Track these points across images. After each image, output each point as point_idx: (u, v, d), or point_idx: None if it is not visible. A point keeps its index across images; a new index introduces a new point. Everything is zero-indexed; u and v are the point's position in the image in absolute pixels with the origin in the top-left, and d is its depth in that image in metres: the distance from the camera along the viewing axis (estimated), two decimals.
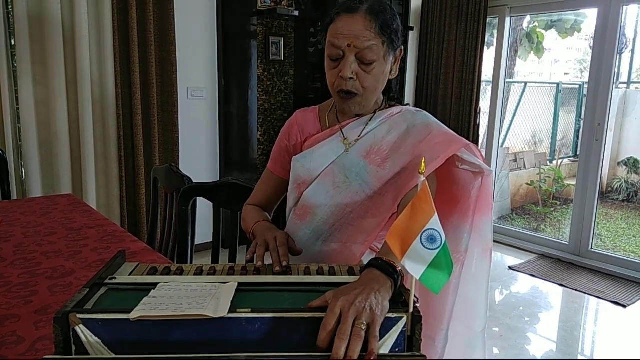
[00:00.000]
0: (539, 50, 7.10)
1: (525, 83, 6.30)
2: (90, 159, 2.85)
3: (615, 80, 3.57)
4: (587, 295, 3.10)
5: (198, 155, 3.46)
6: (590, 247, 3.63)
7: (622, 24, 3.41)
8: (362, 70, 1.07)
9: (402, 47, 1.15)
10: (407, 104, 1.23)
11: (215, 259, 1.57)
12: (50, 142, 2.76)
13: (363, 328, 0.66)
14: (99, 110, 2.90)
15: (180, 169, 1.86)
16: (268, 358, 0.64)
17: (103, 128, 2.93)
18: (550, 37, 7.23)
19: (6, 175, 2.20)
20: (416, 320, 0.69)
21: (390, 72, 1.14)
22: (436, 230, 0.66)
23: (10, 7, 2.59)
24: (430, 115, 1.18)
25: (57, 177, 2.78)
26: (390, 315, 0.69)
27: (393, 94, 1.23)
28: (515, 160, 5.85)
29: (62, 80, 2.71)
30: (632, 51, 6.24)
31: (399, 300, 0.75)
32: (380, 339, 0.67)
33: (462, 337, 1.18)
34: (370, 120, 1.16)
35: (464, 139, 1.10)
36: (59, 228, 1.53)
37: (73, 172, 2.86)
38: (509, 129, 5.91)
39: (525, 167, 5.89)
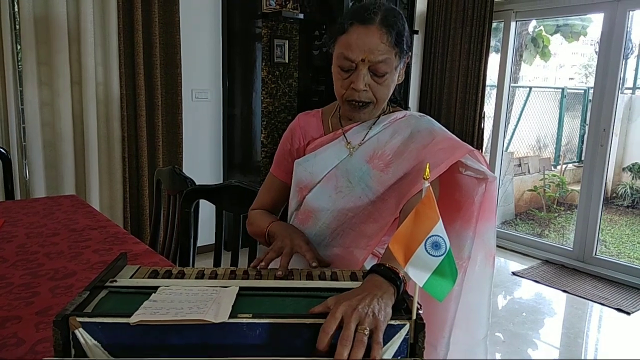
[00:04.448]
0: (544, 54, 7.08)
1: (530, 88, 6.28)
2: (94, 160, 2.85)
3: (620, 86, 3.55)
4: (591, 302, 3.08)
5: (201, 157, 3.46)
6: (594, 253, 3.60)
7: (628, 29, 3.40)
8: (375, 82, 1.06)
9: (411, 53, 1.14)
10: (409, 108, 1.23)
11: (217, 262, 1.57)
12: (54, 143, 2.76)
13: (366, 334, 0.65)
14: (104, 112, 2.91)
15: (184, 170, 1.86)
16: None
17: (107, 129, 2.94)
18: (556, 42, 7.21)
19: (10, 175, 2.20)
20: (419, 327, 0.68)
21: (397, 78, 1.13)
22: (441, 237, 0.66)
23: (16, 8, 2.60)
24: (434, 121, 1.17)
25: (61, 178, 2.79)
26: (392, 322, 0.68)
27: (395, 98, 1.23)
28: (520, 165, 5.82)
29: (66, 81, 2.71)
30: (638, 57, 6.22)
31: (402, 307, 0.74)
32: (383, 346, 0.66)
33: (463, 345, 1.17)
34: (373, 125, 1.15)
35: (468, 145, 1.09)
36: (62, 229, 1.53)
37: (77, 172, 2.86)
38: (513, 133, 5.89)
39: (529, 172, 5.86)
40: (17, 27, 2.62)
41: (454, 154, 1.05)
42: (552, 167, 6.18)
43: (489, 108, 4.17)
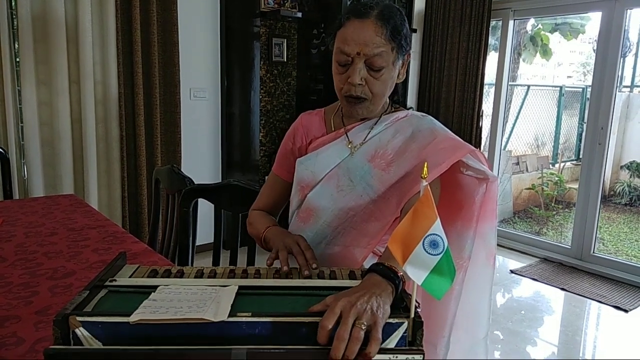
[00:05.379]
0: (545, 52, 7.08)
1: (528, 86, 6.29)
2: (92, 159, 2.85)
3: (618, 84, 3.55)
4: (589, 300, 3.09)
5: (200, 156, 3.46)
6: (592, 251, 3.61)
7: (626, 28, 3.40)
8: (371, 77, 1.07)
9: (410, 52, 1.14)
10: (411, 108, 1.23)
11: (216, 261, 1.57)
12: (52, 142, 2.76)
13: (363, 328, 0.65)
14: (102, 111, 2.91)
15: (182, 170, 1.86)
16: (269, 351, 0.64)
17: (105, 128, 2.94)
18: (554, 40, 7.22)
19: (8, 174, 2.20)
20: (417, 325, 0.68)
21: (398, 76, 1.13)
22: (438, 236, 0.66)
23: (14, 7, 2.59)
24: (436, 121, 1.17)
25: (59, 177, 2.79)
26: (391, 320, 0.69)
27: (398, 98, 1.23)
28: (518, 164, 5.84)
29: (65, 80, 2.71)
30: (636, 55, 6.23)
31: (400, 305, 0.75)
32: (381, 343, 0.67)
33: (464, 344, 1.17)
34: (375, 124, 1.16)
35: (470, 145, 1.09)
36: (60, 228, 1.53)
37: (75, 172, 2.86)
38: (511, 132, 5.90)
39: (527, 170, 5.87)
40: (15, 25, 2.61)
41: (455, 153, 1.06)
42: (550, 165, 6.19)
43: (487, 106, 4.18)
